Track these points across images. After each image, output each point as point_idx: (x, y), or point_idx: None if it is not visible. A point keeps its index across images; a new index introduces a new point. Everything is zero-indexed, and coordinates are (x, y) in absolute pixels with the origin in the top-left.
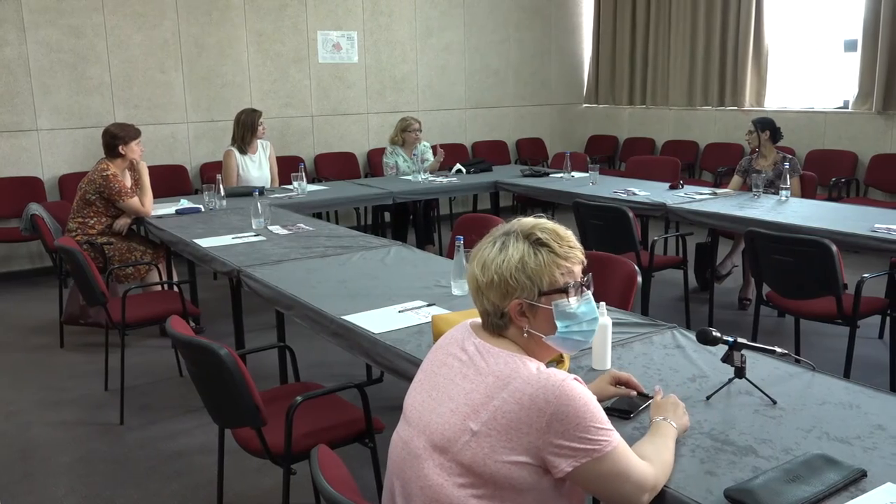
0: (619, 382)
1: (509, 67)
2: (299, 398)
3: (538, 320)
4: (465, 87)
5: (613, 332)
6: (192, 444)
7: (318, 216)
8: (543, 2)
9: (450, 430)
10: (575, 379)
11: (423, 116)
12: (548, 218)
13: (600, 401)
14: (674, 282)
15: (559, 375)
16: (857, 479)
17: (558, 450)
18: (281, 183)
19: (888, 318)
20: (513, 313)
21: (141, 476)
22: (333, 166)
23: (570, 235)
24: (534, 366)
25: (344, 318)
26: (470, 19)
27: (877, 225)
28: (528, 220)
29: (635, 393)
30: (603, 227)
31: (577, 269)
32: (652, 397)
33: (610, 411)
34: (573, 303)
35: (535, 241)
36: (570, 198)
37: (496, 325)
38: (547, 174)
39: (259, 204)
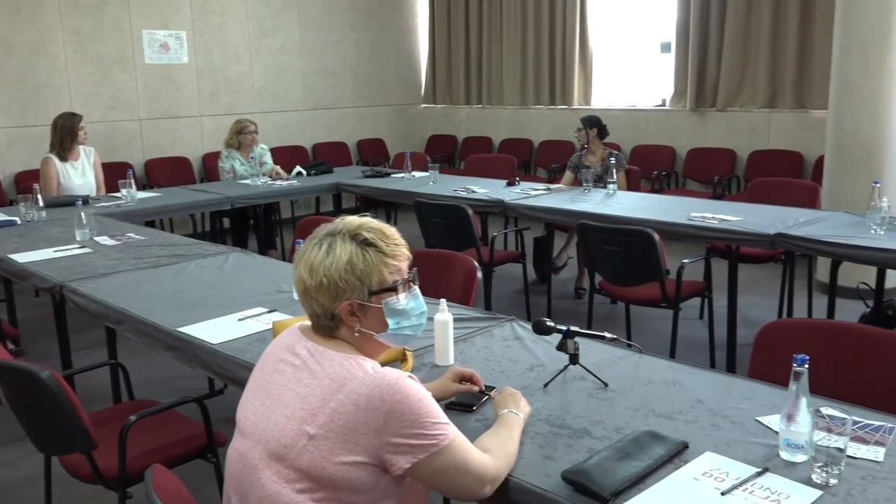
0: (462, 379)
1: (347, 68)
2: (133, 417)
3: (369, 319)
4: (303, 88)
5: (455, 328)
6: (16, 476)
7: (151, 225)
8: (378, 3)
9: (286, 437)
10: (409, 376)
11: (260, 118)
12: (372, 216)
13: (444, 398)
14: (514, 275)
15: (393, 374)
16: (680, 451)
17: (395, 448)
18: (108, 191)
19: (706, 300)
20: (343, 314)
21: None
22: (165, 172)
23: (395, 233)
24: (368, 365)
25: (180, 329)
26: (304, 19)
27: (693, 214)
28: (352, 220)
29: (478, 390)
30: (444, 225)
31: (405, 265)
32: (494, 388)
33: (453, 406)
34: (402, 299)
35: (363, 242)
36: (411, 197)
37: (327, 326)
38: (388, 174)
39: (83, 214)
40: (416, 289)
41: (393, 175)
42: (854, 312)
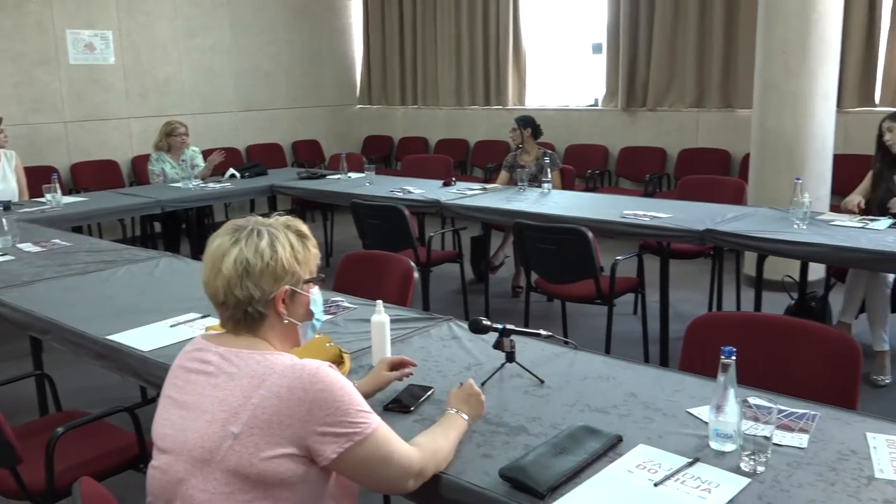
0: (393, 367)
1: (280, 69)
2: (60, 429)
3: (296, 307)
4: (235, 90)
5: (392, 329)
6: None
7: (78, 230)
8: (311, 3)
9: (210, 441)
10: (329, 366)
11: (191, 120)
12: (308, 225)
13: (380, 387)
14: (452, 275)
15: (313, 364)
16: (614, 445)
17: (322, 437)
18: (31, 196)
19: (639, 296)
20: (278, 300)
21: None
22: (93, 176)
23: None
24: (287, 359)
25: (109, 337)
26: (236, 20)
27: (625, 211)
28: (272, 218)
29: (412, 371)
30: (380, 226)
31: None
32: (432, 388)
33: (390, 407)
34: (317, 292)
35: (298, 233)
36: (347, 199)
37: (252, 316)
38: (324, 176)
39: (4, 220)
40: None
41: (329, 176)
42: (780, 304)
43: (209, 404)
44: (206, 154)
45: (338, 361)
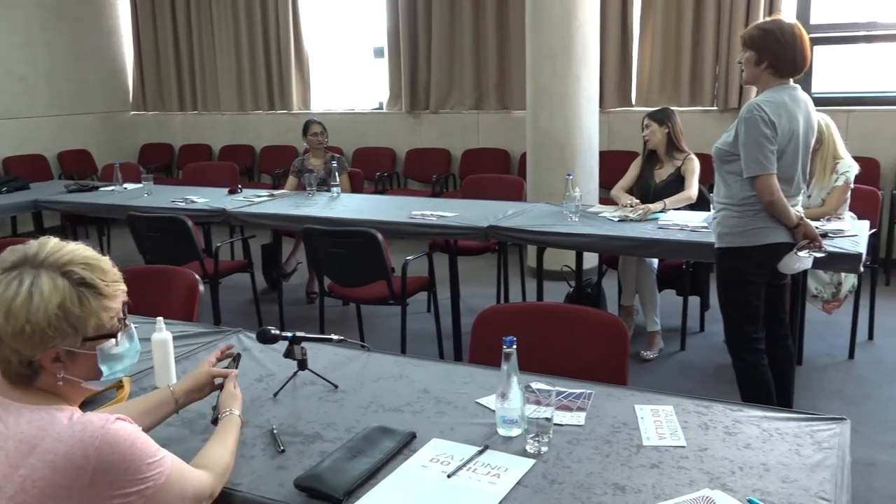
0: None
1: (38, 73)
2: None
3: (78, 366)
4: None
5: (176, 346)
6: None
7: None
8: (72, 3)
9: None
10: (117, 418)
11: None
12: (84, 243)
13: (201, 384)
14: (243, 285)
15: (97, 422)
16: (409, 442)
17: (110, 501)
18: None
19: (431, 294)
20: (45, 362)
21: None
22: None
23: (110, 265)
24: (66, 416)
25: None
26: None
27: (414, 212)
28: (55, 246)
29: (235, 372)
30: (161, 238)
31: (122, 302)
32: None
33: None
34: (118, 343)
35: (78, 282)
36: (123, 211)
37: (20, 374)
38: (96, 188)
39: None
40: (132, 327)
41: (102, 188)
42: (561, 293)
43: None
44: None
45: (117, 386)
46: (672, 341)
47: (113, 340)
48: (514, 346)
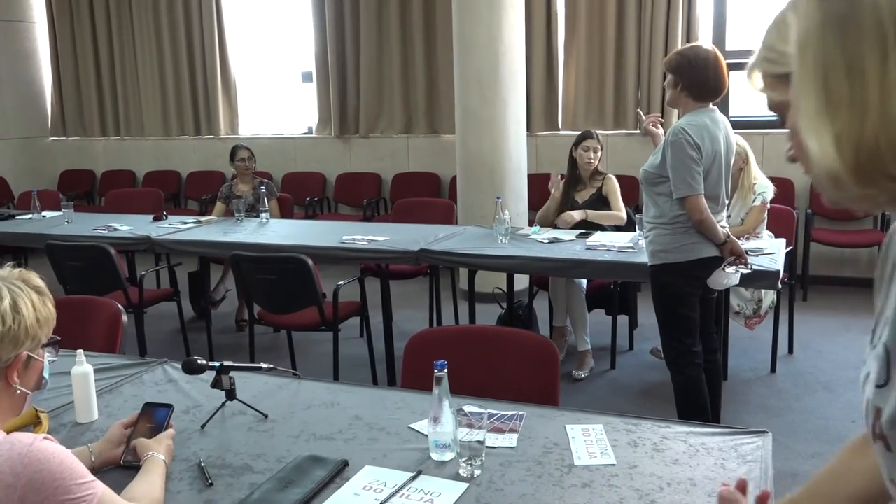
0: (127, 426)
1: None
2: None
3: (29, 375)
4: None
5: (98, 379)
6: None
7: None
8: None
9: None
10: (44, 437)
11: None
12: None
13: (115, 439)
14: (170, 314)
15: (24, 440)
16: (341, 470)
17: None
18: None
19: (364, 319)
20: (13, 368)
21: None
22: None
23: None
24: None
25: None
26: None
27: (345, 236)
28: (2, 270)
29: (172, 433)
30: (83, 268)
31: None
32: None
33: (124, 466)
34: (52, 354)
35: (38, 290)
36: (42, 240)
37: None
38: (13, 216)
39: None
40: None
41: (18, 217)
42: (493, 315)
43: None
44: None
45: (34, 422)
46: (602, 360)
47: (51, 350)
48: (445, 370)
